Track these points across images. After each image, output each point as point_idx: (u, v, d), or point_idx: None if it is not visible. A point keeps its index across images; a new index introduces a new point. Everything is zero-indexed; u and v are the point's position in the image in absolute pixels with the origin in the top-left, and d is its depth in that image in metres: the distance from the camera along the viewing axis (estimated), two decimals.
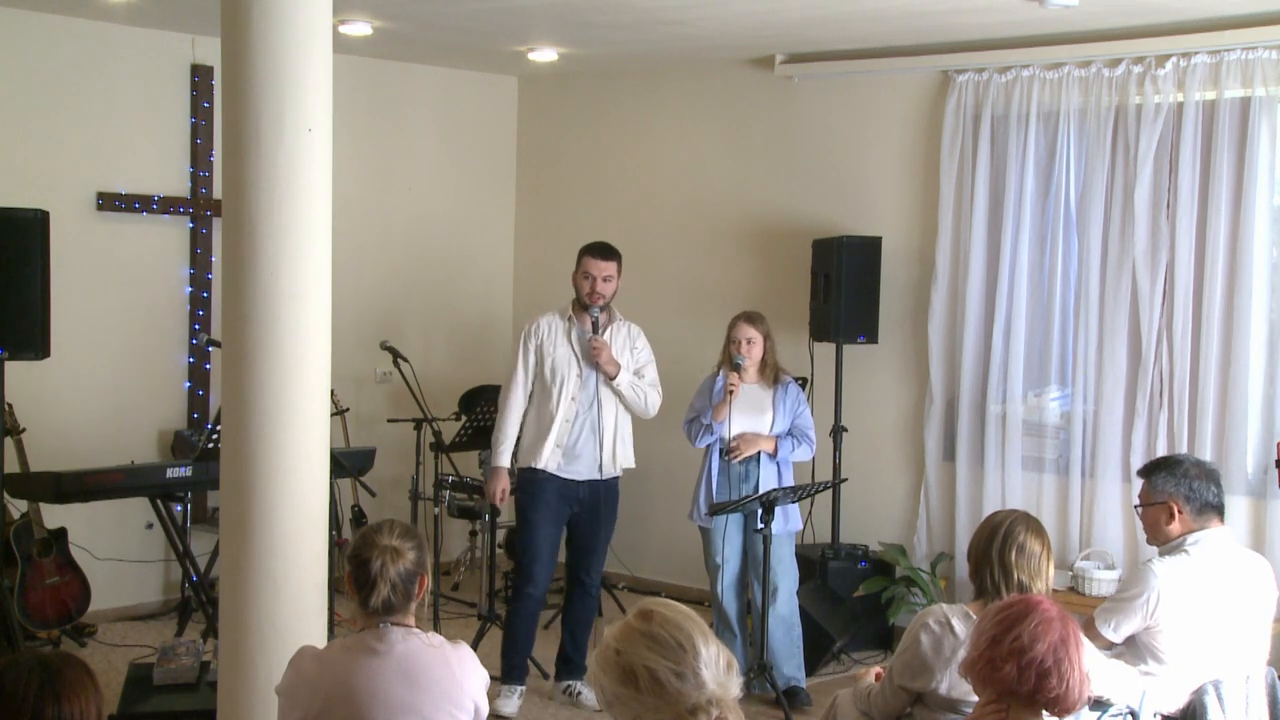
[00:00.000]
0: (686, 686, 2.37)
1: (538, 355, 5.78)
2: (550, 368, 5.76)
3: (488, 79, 8.29)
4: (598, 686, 2.47)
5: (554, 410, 5.73)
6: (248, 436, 4.20)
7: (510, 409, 5.80)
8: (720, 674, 2.41)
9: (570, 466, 5.77)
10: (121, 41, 6.86)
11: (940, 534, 6.82)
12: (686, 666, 2.38)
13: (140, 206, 6.94)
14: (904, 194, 7.00)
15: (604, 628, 2.47)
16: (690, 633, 2.43)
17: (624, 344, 5.85)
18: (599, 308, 5.75)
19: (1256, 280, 5.88)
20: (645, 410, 5.91)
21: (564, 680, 5.94)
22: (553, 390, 5.74)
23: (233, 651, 4.27)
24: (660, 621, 2.44)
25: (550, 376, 5.76)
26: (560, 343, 5.79)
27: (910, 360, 6.97)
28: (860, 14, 6.11)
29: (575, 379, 5.75)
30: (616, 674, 2.42)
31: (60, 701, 2.38)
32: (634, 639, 2.43)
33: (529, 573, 5.79)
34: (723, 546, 5.97)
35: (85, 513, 6.39)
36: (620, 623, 2.49)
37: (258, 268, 4.17)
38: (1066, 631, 2.92)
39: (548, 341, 5.78)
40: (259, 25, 4.12)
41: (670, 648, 2.40)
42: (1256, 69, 5.83)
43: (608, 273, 5.77)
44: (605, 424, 5.80)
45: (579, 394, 5.75)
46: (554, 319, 5.84)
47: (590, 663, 2.50)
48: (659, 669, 2.38)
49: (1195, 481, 4.27)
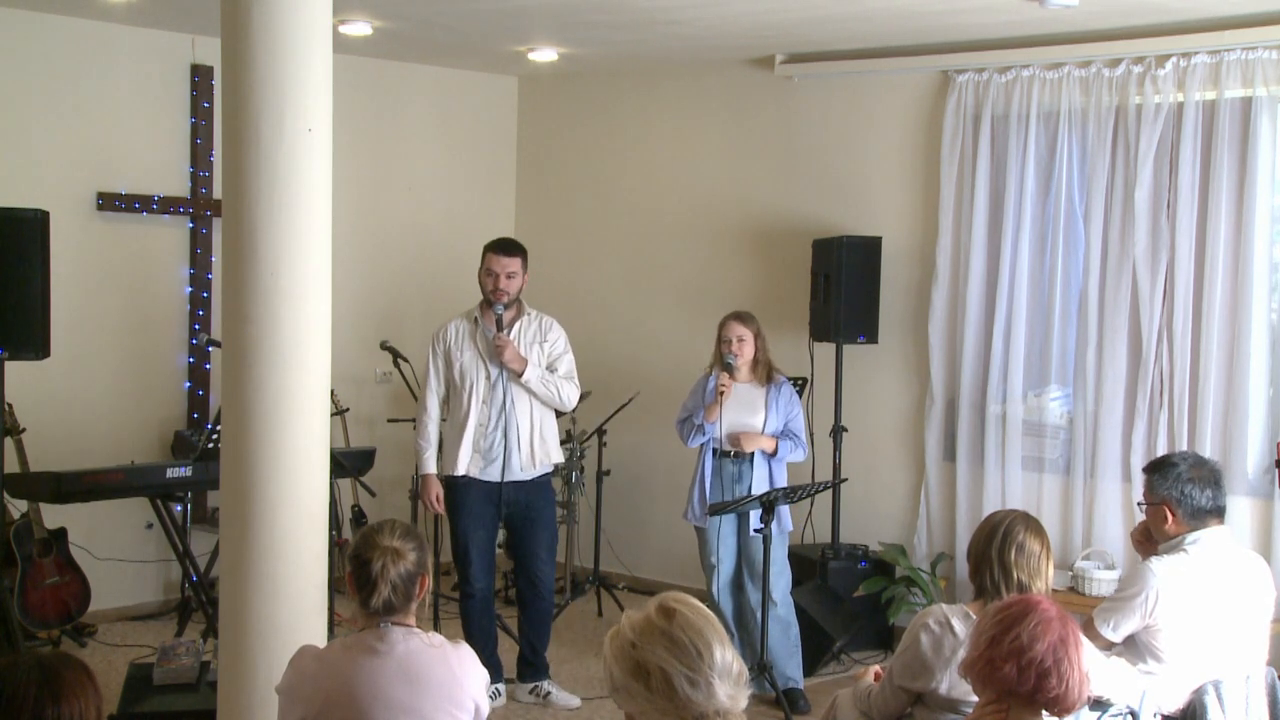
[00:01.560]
0: (698, 695, 2.33)
1: (446, 360, 5.79)
2: (459, 372, 5.75)
3: (488, 79, 8.29)
4: (607, 671, 2.44)
5: (467, 415, 5.72)
6: (248, 436, 4.20)
7: (428, 417, 5.81)
8: (731, 686, 2.36)
9: (490, 469, 5.74)
10: (121, 41, 6.86)
11: (940, 534, 6.82)
12: (701, 675, 2.34)
13: (140, 206, 6.94)
14: (904, 194, 7.00)
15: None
16: (710, 640, 2.38)
17: (534, 338, 5.81)
18: (503, 305, 5.73)
19: (1257, 280, 5.88)
20: (561, 404, 5.88)
21: (529, 682, 5.92)
22: (463, 395, 5.74)
23: (233, 651, 4.27)
24: (682, 623, 2.39)
25: (460, 381, 5.75)
26: (466, 346, 5.77)
27: (910, 360, 6.97)
28: (860, 14, 6.11)
29: (484, 381, 5.73)
30: (629, 666, 2.38)
31: (59, 702, 2.38)
32: (653, 636, 2.38)
33: (465, 576, 5.83)
34: (718, 546, 5.97)
35: (85, 513, 6.39)
36: (642, 614, 2.43)
37: (258, 268, 4.17)
38: (1066, 631, 2.92)
39: (455, 346, 5.78)
40: (259, 25, 4.12)
41: (688, 653, 2.36)
42: (1256, 69, 5.83)
43: (511, 269, 5.75)
44: (520, 423, 5.76)
45: (489, 396, 5.72)
46: (460, 322, 5.84)
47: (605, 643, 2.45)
48: (673, 673, 2.34)
49: (1188, 485, 4.28)
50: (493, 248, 5.82)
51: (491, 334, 5.73)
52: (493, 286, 5.74)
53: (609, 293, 8.05)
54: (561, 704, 5.87)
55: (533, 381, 5.73)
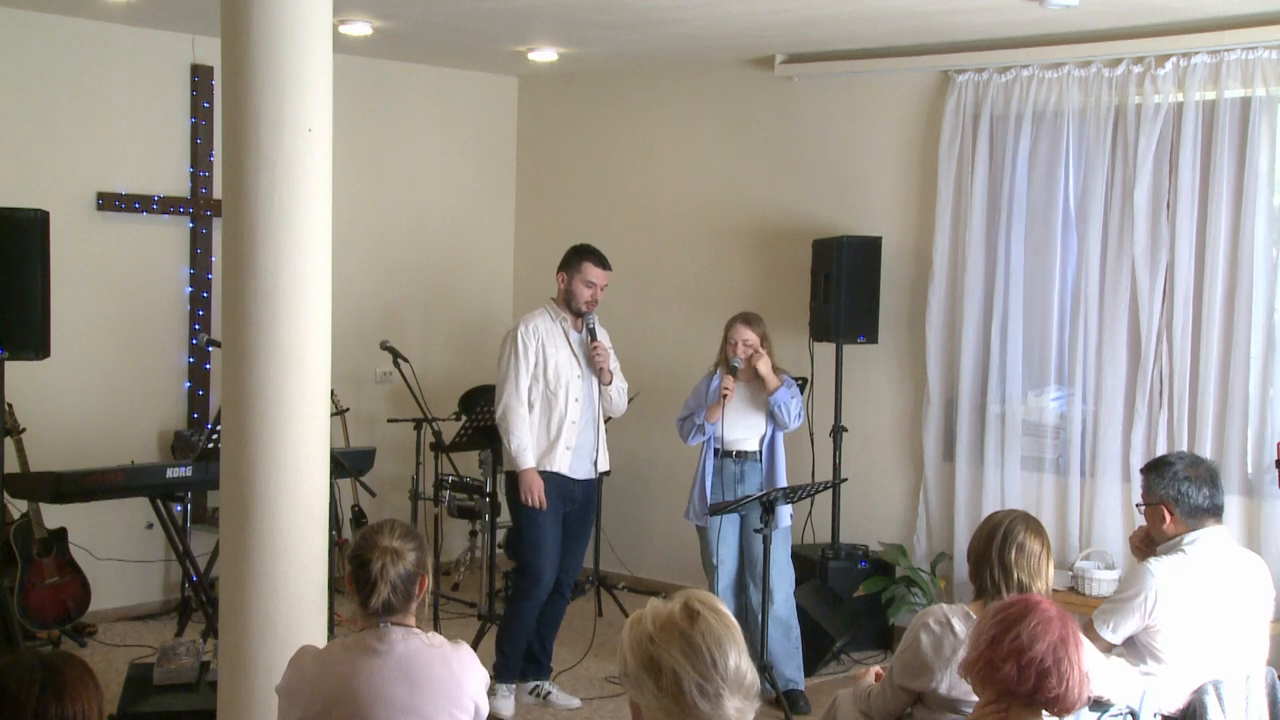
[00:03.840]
0: (705, 704, 2.30)
1: (539, 355, 5.73)
2: (554, 370, 5.73)
3: (488, 79, 8.29)
4: (621, 656, 2.42)
5: (563, 413, 5.72)
6: (248, 436, 4.20)
7: (522, 414, 5.69)
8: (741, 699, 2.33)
9: (577, 466, 5.78)
10: (121, 41, 6.86)
11: (940, 534, 6.82)
12: (712, 685, 2.31)
13: (140, 206, 6.94)
14: (904, 194, 7.00)
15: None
16: (728, 650, 2.34)
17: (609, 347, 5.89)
18: (594, 314, 5.79)
19: (1256, 280, 5.88)
20: (620, 410, 5.98)
21: (530, 681, 5.90)
22: (559, 393, 5.72)
23: (233, 651, 4.27)
24: (703, 629, 2.34)
25: (554, 378, 5.73)
26: (561, 344, 5.77)
27: (910, 360, 6.97)
28: (860, 14, 6.11)
29: (578, 380, 5.76)
30: (643, 659, 2.36)
31: (62, 702, 2.38)
32: (672, 636, 2.35)
33: (538, 574, 5.72)
34: (719, 547, 5.98)
35: (85, 513, 6.39)
36: (666, 608, 2.39)
37: (258, 268, 4.18)
38: (1066, 631, 2.92)
39: (548, 343, 5.75)
40: (259, 25, 4.13)
41: (703, 660, 2.32)
42: (1256, 69, 5.83)
43: (605, 282, 5.81)
44: (600, 424, 5.87)
45: (581, 394, 5.76)
46: (545, 320, 5.80)
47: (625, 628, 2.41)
48: (685, 677, 2.31)
49: (1185, 484, 4.28)
50: (593, 259, 5.78)
51: (579, 339, 5.77)
52: (590, 296, 5.75)
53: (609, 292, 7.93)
54: (562, 704, 5.87)
55: (614, 388, 5.83)
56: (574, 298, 5.77)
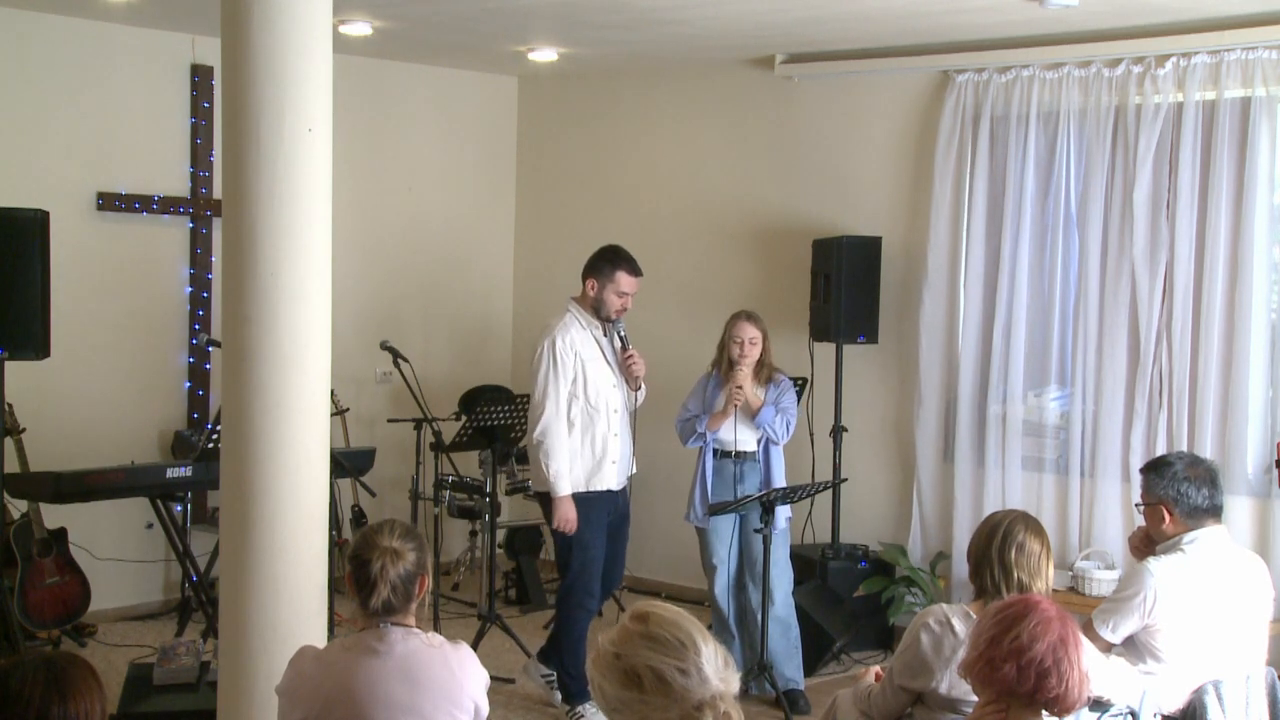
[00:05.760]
0: (692, 683, 2.37)
1: (578, 372, 5.56)
2: (595, 387, 5.59)
3: (488, 79, 8.29)
4: (599, 693, 2.46)
5: (606, 428, 5.62)
6: (248, 436, 4.20)
7: (562, 434, 5.51)
8: (721, 669, 2.42)
9: (620, 477, 5.75)
10: (121, 41, 6.86)
11: (936, 534, 6.82)
12: (690, 663, 2.38)
13: (140, 206, 6.94)
14: (904, 194, 7.00)
15: (604, 628, 2.46)
16: (689, 631, 2.43)
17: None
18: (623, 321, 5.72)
19: (1256, 280, 5.88)
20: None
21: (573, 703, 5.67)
22: (600, 407, 5.59)
23: (233, 651, 4.27)
24: (658, 622, 2.44)
25: (595, 395, 5.59)
26: (595, 355, 5.64)
27: (910, 360, 6.97)
28: (860, 14, 6.11)
29: (615, 392, 5.67)
30: (618, 678, 2.41)
31: (65, 701, 2.39)
32: (633, 641, 2.42)
33: (590, 587, 5.60)
34: (718, 547, 5.98)
35: (85, 513, 6.39)
36: (615, 628, 2.48)
37: (258, 268, 4.18)
38: (1066, 631, 2.92)
39: (585, 355, 5.61)
40: (259, 25, 4.13)
41: (672, 646, 2.39)
42: (1256, 69, 5.83)
43: (637, 290, 5.74)
44: (634, 433, 5.81)
45: (620, 406, 5.69)
46: (579, 330, 5.64)
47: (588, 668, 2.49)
48: (663, 668, 2.37)
49: (1184, 484, 4.28)
50: (627, 267, 5.67)
51: (610, 345, 5.71)
52: (621, 305, 5.67)
53: None
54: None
55: (640, 396, 5.78)
56: (604, 306, 5.66)
